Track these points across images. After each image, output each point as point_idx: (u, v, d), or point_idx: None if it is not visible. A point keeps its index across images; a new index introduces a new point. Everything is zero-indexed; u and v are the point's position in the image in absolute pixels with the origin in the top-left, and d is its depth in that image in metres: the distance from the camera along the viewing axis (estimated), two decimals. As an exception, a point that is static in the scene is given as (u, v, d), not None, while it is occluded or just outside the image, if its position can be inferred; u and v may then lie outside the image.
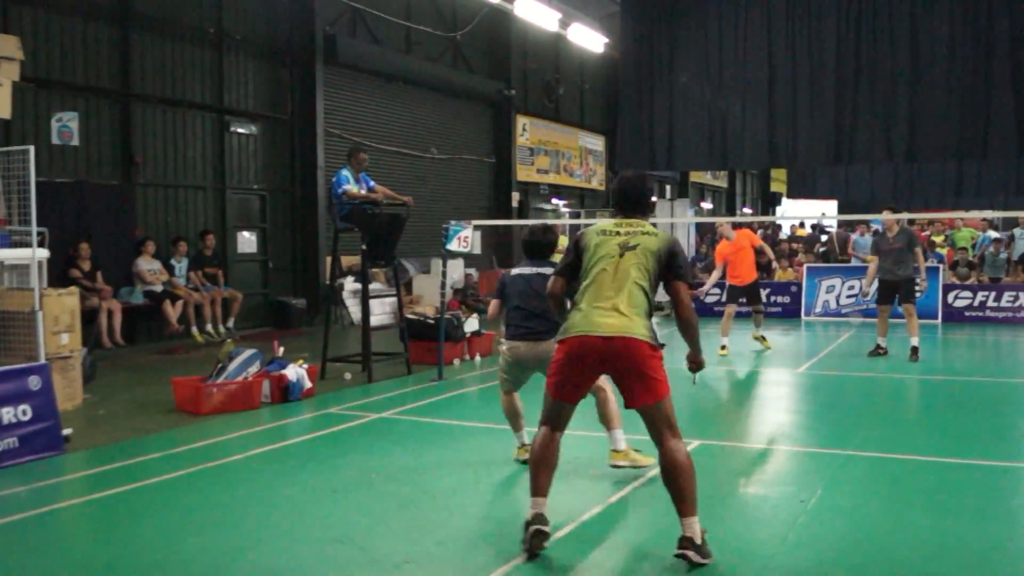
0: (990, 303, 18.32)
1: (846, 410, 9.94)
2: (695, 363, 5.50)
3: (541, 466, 5.30)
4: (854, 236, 22.94)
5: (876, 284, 13.59)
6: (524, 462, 6.71)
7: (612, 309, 5.10)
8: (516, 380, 7.17)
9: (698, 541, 4.94)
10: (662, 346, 5.17)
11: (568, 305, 5.55)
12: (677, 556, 4.93)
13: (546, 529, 5.16)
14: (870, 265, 14.30)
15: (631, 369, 5.08)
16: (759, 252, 14.73)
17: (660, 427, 5.09)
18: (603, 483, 6.63)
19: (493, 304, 7.50)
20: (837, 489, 6.52)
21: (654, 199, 32.01)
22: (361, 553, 5.28)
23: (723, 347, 13.56)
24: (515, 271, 7.19)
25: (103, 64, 14.90)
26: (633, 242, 5.24)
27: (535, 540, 5.12)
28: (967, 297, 18.47)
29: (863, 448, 7.80)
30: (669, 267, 5.24)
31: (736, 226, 14.58)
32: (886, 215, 13.54)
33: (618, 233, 5.32)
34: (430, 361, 12.00)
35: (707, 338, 6.77)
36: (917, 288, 13.17)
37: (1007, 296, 18.23)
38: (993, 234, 22.66)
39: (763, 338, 14.18)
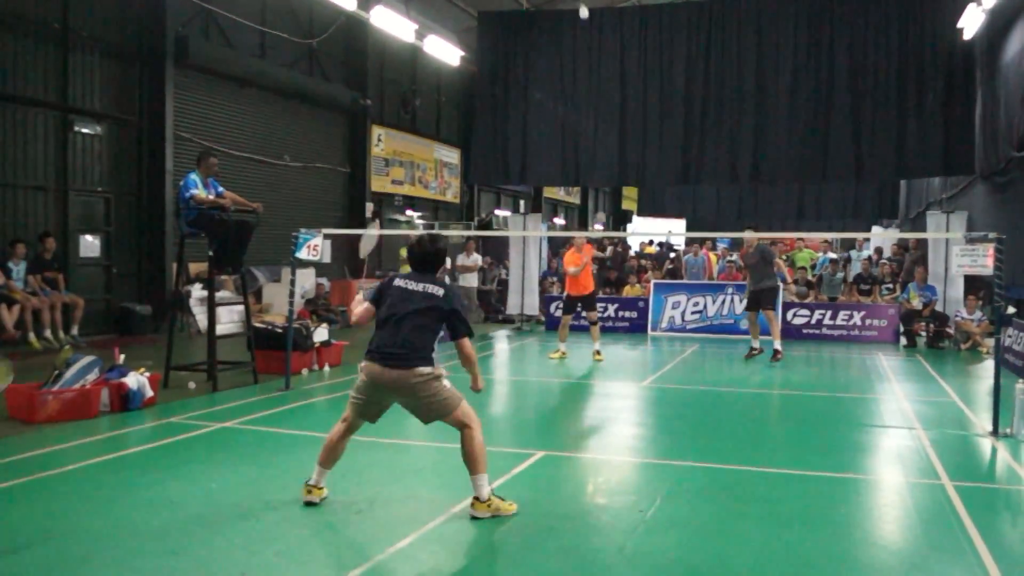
0: (827, 321, 19.11)
1: (687, 422, 10.24)
2: None
3: None
4: (687, 256, 23.48)
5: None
6: (307, 504, 6.28)
7: None
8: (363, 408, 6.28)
9: None
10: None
11: None
12: None
13: None
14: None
15: None
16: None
17: None
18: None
19: (364, 308, 6.45)
20: (676, 499, 6.71)
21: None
22: (197, 565, 5.18)
23: (560, 351, 15.07)
24: (399, 281, 6.28)
25: (-63, 56, 14.27)
26: None
27: None
28: (805, 315, 19.24)
29: (701, 459, 8.05)
30: None
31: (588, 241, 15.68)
32: (748, 233, 15.15)
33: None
34: (278, 371, 11.84)
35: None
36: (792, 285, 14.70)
37: (842, 315, 19.05)
38: (831, 255, 23.66)
39: (598, 352, 15.02)
